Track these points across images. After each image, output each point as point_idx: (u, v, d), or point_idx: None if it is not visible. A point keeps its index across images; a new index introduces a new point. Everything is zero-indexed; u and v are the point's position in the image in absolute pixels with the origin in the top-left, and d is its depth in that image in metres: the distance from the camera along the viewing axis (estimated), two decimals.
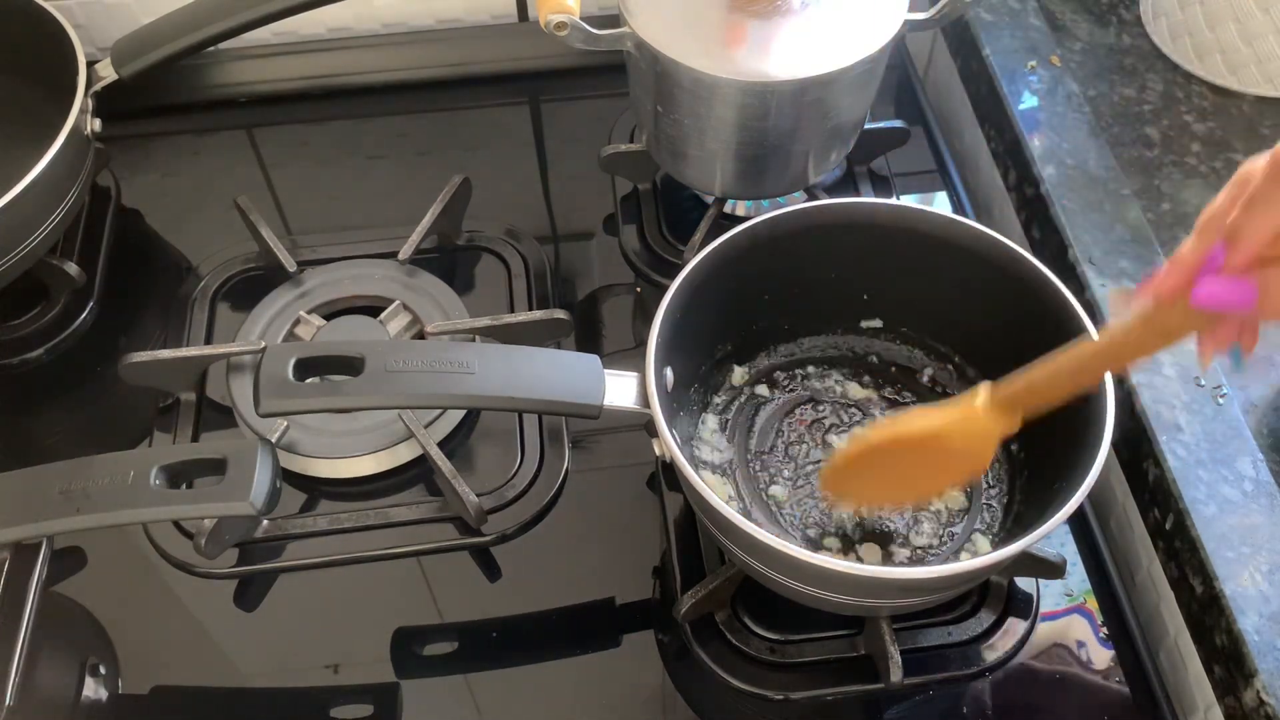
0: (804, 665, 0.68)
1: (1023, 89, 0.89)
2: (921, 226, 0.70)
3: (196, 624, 0.72)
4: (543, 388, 0.61)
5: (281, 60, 1.03)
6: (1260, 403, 0.73)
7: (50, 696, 0.68)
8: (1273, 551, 0.64)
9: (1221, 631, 0.63)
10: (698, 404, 0.75)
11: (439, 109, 1.01)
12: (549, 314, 0.78)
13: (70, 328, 0.85)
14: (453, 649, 0.71)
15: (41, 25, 0.84)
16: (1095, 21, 0.97)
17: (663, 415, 0.61)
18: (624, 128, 0.97)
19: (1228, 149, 0.87)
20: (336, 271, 0.84)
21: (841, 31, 0.76)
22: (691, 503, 0.69)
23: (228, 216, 0.88)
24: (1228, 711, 0.63)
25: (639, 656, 0.70)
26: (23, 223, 0.79)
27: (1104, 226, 0.79)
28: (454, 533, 0.74)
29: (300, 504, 0.76)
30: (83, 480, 0.58)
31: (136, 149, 0.98)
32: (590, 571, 0.74)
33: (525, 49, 1.03)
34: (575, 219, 0.94)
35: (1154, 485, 0.69)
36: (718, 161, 0.82)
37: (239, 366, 0.78)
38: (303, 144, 1.00)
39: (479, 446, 0.79)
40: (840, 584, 0.60)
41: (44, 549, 0.67)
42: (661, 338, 0.64)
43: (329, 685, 0.69)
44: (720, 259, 0.68)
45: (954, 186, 0.93)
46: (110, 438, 0.82)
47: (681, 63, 0.74)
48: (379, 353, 0.61)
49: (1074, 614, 0.71)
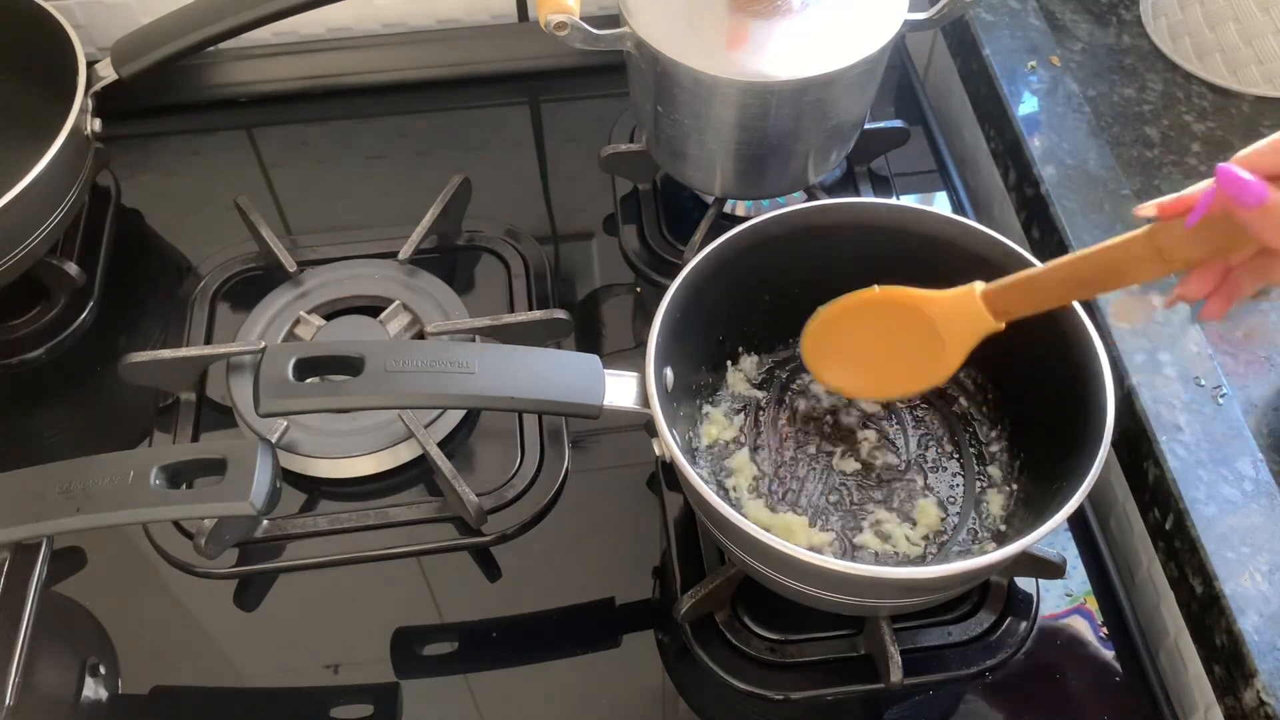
0: (804, 665, 0.68)
1: (1023, 89, 0.89)
2: (921, 226, 0.70)
3: (196, 624, 0.72)
4: (543, 388, 0.61)
5: (281, 60, 1.03)
6: (1260, 403, 0.73)
7: (50, 696, 0.68)
8: (1273, 551, 0.64)
9: (1221, 631, 0.63)
10: (697, 404, 0.75)
11: (439, 109, 1.01)
12: (549, 314, 0.78)
13: (70, 328, 0.85)
14: (453, 649, 0.71)
15: (41, 25, 0.84)
16: (1095, 21, 0.97)
17: (663, 415, 0.61)
18: (624, 128, 0.97)
19: (1228, 149, 0.87)
20: (336, 271, 0.84)
21: (841, 31, 0.76)
22: (691, 503, 0.69)
23: (228, 216, 0.88)
24: (1228, 711, 0.63)
25: (639, 656, 0.70)
26: (22, 223, 0.79)
27: (1104, 226, 0.79)
28: (454, 533, 0.74)
29: (300, 504, 0.76)
30: (83, 480, 0.58)
31: (136, 149, 0.98)
32: (590, 571, 0.74)
33: (525, 49, 1.03)
34: (575, 219, 0.94)
35: (1154, 485, 0.69)
36: (718, 161, 0.82)
37: (239, 366, 0.78)
38: (303, 144, 1.00)
39: (479, 446, 0.79)
40: (840, 584, 0.60)
41: (44, 549, 0.67)
42: (661, 338, 0.64)
43: (329, 685, 0.69)
44: (720, 259, 0.68)
45: (954, 186, 0.93)
46: (110, 438, 0.82)
47: (681, 63, 0.74)
48: (379, 353, 0.61)
49: (1074, 614, 0.71)
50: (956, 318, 0.59)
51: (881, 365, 0.65)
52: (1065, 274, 0.55)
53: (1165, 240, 0.49)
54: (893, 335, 0.62)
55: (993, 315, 0.59)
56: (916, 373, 0.64)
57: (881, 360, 0.65)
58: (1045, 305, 0.58)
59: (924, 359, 0.62)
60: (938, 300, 0.61)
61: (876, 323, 0.63)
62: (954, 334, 0.60)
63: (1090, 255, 0.53)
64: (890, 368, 0.65)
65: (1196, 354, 0.71)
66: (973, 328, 0.59)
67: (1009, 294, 0.58)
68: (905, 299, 0.62)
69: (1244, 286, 0.49)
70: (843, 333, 0.65)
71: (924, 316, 0.61)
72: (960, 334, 0.59)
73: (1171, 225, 0.48)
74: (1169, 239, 0.48)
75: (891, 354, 0.64)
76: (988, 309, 0.59)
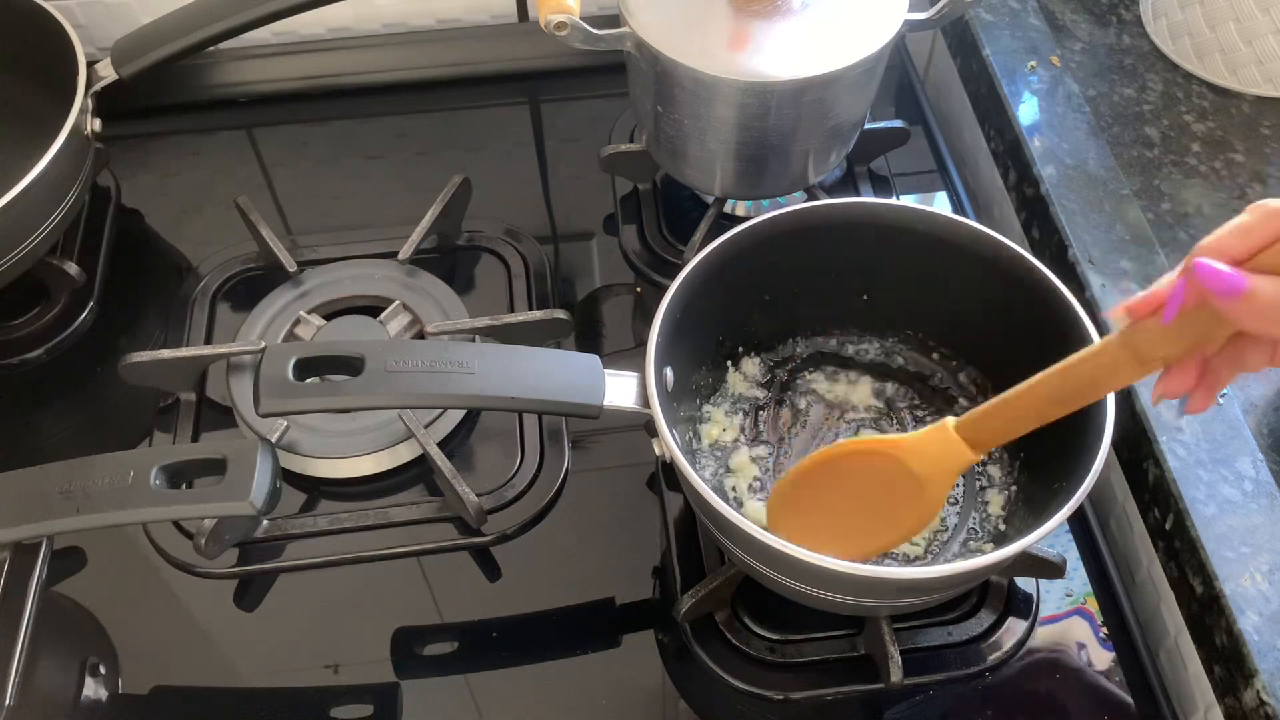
0: (804, 665, 0.68)
1: (1023, 89, 0.89)
2: (921, 226, 0.70)
3: (196, 624, 0.72)
4: (543, 388, 0.61)
5: (281, 60, 1.03)
6: (1260, 403, 0.73)
7: (50, 696, 0.68)
8: (1273, 551, 0.64)
9: (1221, 631, 0.63)
10: (697, 404, 0.75)
11: (439, 109, 1.02)
12: (549, 314, 0.78)
13: (70, 328, 0.85)
14: (453, 649, 0.71)
15: (41, 25, 0.84)
16: (1095, 21, 0.97)
17: (663, 415, 0.61)
18: (624, 128, 0.97)
19: (1228, 149, 0.87)
20: (336, 271, 0.84)
21: (841, 31, 0.76)
22: (691, 503, 0.69)
23: (228, 216, 0.88)
24: (1228, 711, 0.63)
25: (639, 656, 0.70)
26: (23, 223, 0.79)
27: (1104, 226, 0.79)
28: (454, 533, 0.74)
29: (300, 504, 0.76)
30: (83, 480, 0.58)
31: (136, 149, 0.98)
32: (590, 571, 0.74)
33: (525, 49, 1.03)
34: (575, 219, 0.94)
35: (1154, 485, 0.69)
36: (718, 161, 0.82)
37: (239, 366, 0.78)
38: (303, 144, 1.00)
39: (479, 446, 0.79)
40: (840, 584, 0.60)
41: (44, 549, 0.67)
42: (661, 338, 0.64)
43: (329, 685, 0.69)
44: (720, 259, 0.68)
45: (954, 186, 0.93)
46: (110, 438, 0.82)
47: (681, 63, 0.74)
48: (379, 353, 0.61)
49: (1074, 615, 0.71)
50: (932, 457, 0.57)
51: (859, 521, 0.61)
52: (1041, 394, 0.52)
53: (1141, 341, 0.47)
54: (866, 487, 0.59)
55: (970, 448, 0.56)
56: (897, 521, 0.60)
57: (858, 516, 0.61)
58: (1021, 430, 0.54)
59: (903, 506, 0.59)
60: (909, 443, 0.58)
61: (846, 478, 0.60)
62: (931, 474, 0.57)
63: (1064, 370, 0.51)
64: (868, 523, 0.61)
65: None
66: (951, 464, 0.56)
67: (983, 424, 0.55)
68: (875, 447, 0.59)
69: (1223, 376, 0.47)
70: (813, 492, 0.61)
71: (895, 461, 0.58)
72: (938, 473, 0.57)
73: (1145, 326, 0.46)
74: (1145, 340, 0.47)
75: (868, 509, 0.60)
76: (961, 443, 0.56)
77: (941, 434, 0.56)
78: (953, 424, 0.56)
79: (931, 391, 0.76)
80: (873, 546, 0.62)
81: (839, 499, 0.61)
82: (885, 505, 0.60)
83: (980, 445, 0.56)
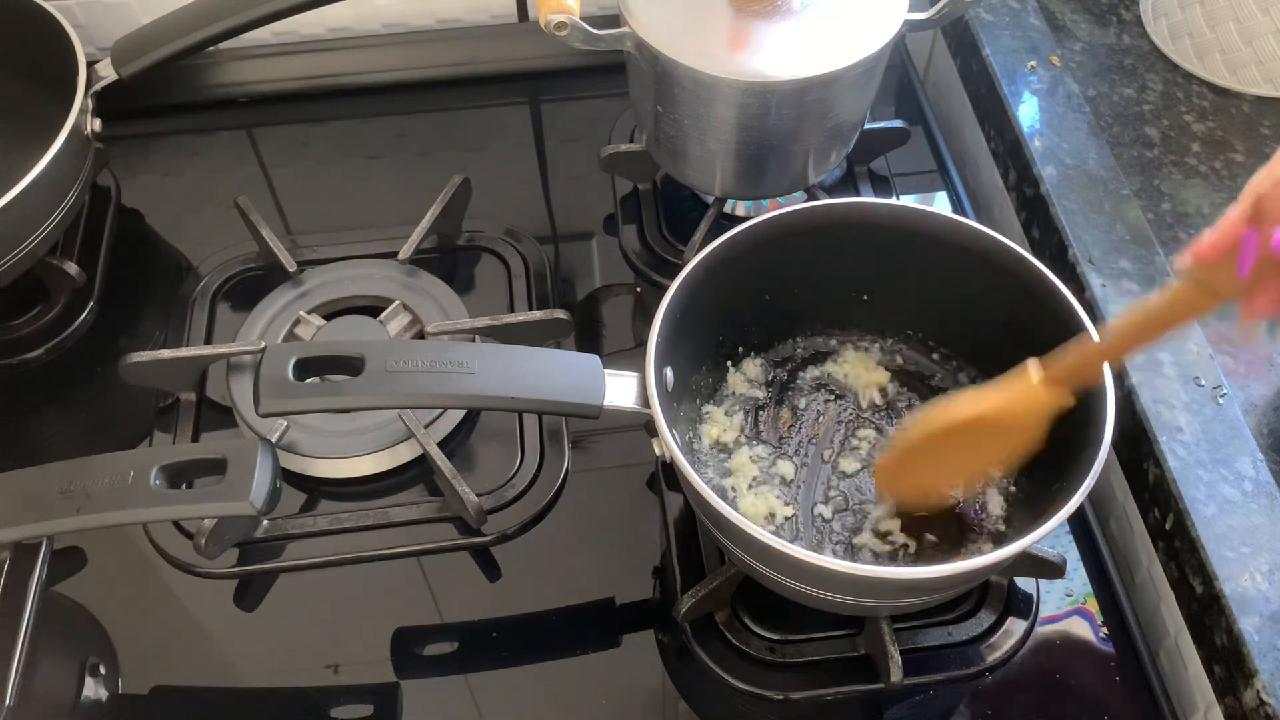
0: (804, 665, 0.68)
1: (1023, 89, 0.89)
2: (921, 226, 0.70)
3: (196, 624, 0.72)
4: (543, 388, 0.61)
5: (281, 60, 1.03)
6: (1260, 403, 0.73)
7: (50, 696, 0.68)
8: (1273, 551, 0.64)
9: (1221, 631, 0.63)
10: (697, 404, 0.75)
11: (439, 109, 1.02)
12: (549, 314, 0.78)
13: (70, 328, 0.85)
14: (453, 649, 0.71)
15: (41, 25, 0.84)
16: (1095, 21, 0.97)
17: (663, 415, 0.61)
18: (624, 128, 0.97)
19: (1228, 149, 0.87)
20: (336, 271, 0.84)
21: (841, 31, 0.76)
22: (691, 503, 0.69)
23: (228, 216, 0.88)
24: (1228, 711, 0.63)
25: (639, 656, 0.70)
26: (23, 223, 0.79)
27: (1104, 226, 0.79)
28: (454, 533, 0.74)
29: (300, 504, 0.76)
30: (83, 480, 0.58)
31: (136, 149, 0.98)
32: (590, 571, 0.74)
33: (525, 49, 1.03)
34: (575, 219, 0.94)
35: (1154, 485, 0.69)
36: (718, 161, 0.82)
37: (239, 366, 0.78)
38: (303, 144, 1.00)
39: (479, 446, 0.79)
40: (840, 584, 0.60)
41: (44, 549, 0.67)
42: (661, 338, 0.64)
43: (329, 685, 0.69)
44: (720, 259, 0.68)
45: (954, 186, 0.93)
46: (110, 438, 0.82)
47: (681, 63, 0.74)
48: (379, 353, 0.61)
49: (1074, 615, 0.71)
50: (1026, 409, 0.59)
51: (962, 467, 0.67)
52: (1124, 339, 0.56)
53: (1213, 280, 0.49)
54: (966, 445, 0.63)
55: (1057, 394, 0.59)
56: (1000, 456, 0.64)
57: (961, 464, 0.66)
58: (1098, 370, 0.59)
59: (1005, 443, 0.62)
60: (1002, 403, 0.60)
61: (947, 443, 0.62)
62: (1028, 424, 0.60)
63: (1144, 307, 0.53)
64: (972, 465, 0.67)
65: (1196, 354, 0.71)
66: (1042, 413, 0.59)
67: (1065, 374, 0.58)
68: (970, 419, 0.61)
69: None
70: (916, 463, 0.65)
71: (994, 420, 0.60)
72: (1032, 424, 0.60)
73: (1215, 266, 0.48)
74: (1217, 279, 0.49)
75: (970, 457, 0.65)
76: (1050, 391, 0.59)
77: (1027, 387, 0.59)
78: (1036, 374, 0.59)
79: (931, 391, 0.76)
80: (975, 478, 0.69)
81: (942, 456, 0.64)
82: (988, 449, 0.63)
83: (1066, 386, 0.59)
